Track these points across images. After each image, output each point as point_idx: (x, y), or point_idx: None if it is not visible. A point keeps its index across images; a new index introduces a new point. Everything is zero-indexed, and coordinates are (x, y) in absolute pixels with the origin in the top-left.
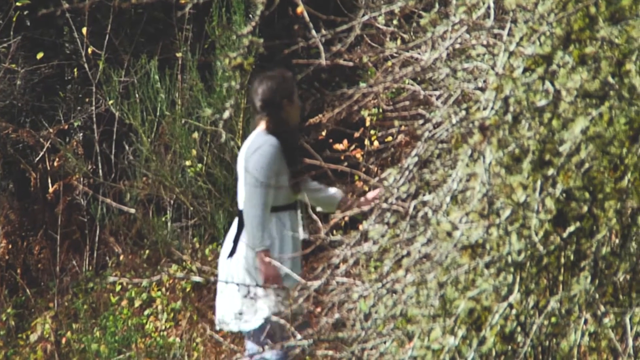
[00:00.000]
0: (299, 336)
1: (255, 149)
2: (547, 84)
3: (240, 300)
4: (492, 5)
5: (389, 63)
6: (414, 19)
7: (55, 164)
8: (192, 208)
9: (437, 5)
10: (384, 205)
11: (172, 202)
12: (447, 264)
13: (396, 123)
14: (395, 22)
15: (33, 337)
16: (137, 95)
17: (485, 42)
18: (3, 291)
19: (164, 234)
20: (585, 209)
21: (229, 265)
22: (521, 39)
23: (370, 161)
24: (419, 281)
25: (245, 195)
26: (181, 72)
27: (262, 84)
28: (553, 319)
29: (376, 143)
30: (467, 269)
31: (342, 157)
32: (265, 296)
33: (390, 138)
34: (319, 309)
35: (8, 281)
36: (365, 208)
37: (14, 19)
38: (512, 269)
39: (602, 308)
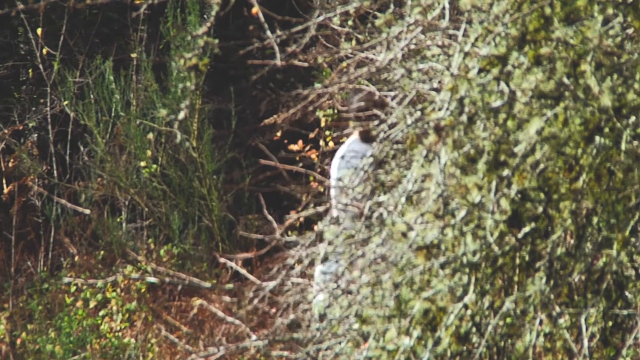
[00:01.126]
0: (253, 337)
1: (352, 157)
2: (502, 84)
3: None
4: (447, 6)
5: (344, 64)
6: (369, 19)
7: (10, 164)
8: (147, 209)
9: (392, 6)
10: (339, 206)
11: (127, 202)
12: (402, 264)
13: (351, 124)
14: (350, 22)
15: None
16: (92, 96)
17: (440, 43)
18: None
19: (118, 234)
20: (540, 209)
21: None
22: (476, 39)
23: (325, 162)
24: (374, 282)
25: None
26: (136, 72)
27: (357, 94)
28: (508, 320)
29: (331, 144)
30: (422, 270)
31: (297, 158)
32: None
33: (345, 138)
34: (274, 310)
35: None
36: None
37: None
38: (467, 270)
39: (557, 309)
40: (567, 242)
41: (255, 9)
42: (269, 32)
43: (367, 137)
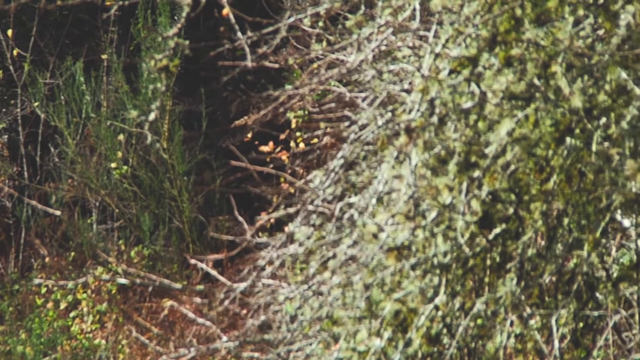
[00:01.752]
0: (224, 338)
1: None
2: (473, 85)
3: None
4: (417, 7)
5: (315, 65)
6: (340, 20)
7: None
8: (117, 210)
9: (362, 7)
10: (310, 207)
11: (97, 204)
12: (373, 265)
13: (322, 125)
14: (321, 24)
15: None
16: (62, 97)
17: (411, 44)
18: None
19: (89, 236)
20: (511, 210)
21: None
22: (447, 40)
23: (296, 163)
24: (345, 283)
25: None
26: (107, 74)
27: None
28: (479, 321)
29: (302, 145)
30: (393, 271)
31: (268, 159)
32: None
33: (316, 140)
34: (244, 311)
35: None
36: None
37: None
38: (438, 271)
39: (528, 310)
40: (538, 244)
41: (226, 10)
42: (239, 34)
43: None
